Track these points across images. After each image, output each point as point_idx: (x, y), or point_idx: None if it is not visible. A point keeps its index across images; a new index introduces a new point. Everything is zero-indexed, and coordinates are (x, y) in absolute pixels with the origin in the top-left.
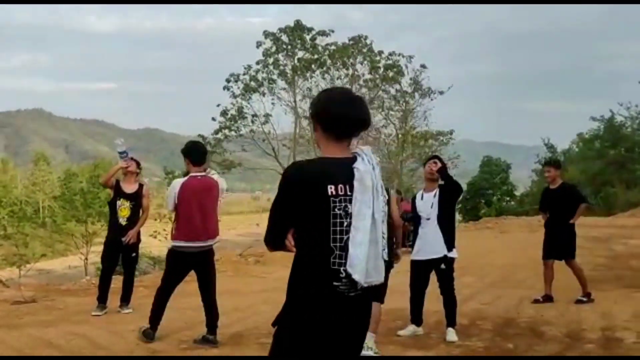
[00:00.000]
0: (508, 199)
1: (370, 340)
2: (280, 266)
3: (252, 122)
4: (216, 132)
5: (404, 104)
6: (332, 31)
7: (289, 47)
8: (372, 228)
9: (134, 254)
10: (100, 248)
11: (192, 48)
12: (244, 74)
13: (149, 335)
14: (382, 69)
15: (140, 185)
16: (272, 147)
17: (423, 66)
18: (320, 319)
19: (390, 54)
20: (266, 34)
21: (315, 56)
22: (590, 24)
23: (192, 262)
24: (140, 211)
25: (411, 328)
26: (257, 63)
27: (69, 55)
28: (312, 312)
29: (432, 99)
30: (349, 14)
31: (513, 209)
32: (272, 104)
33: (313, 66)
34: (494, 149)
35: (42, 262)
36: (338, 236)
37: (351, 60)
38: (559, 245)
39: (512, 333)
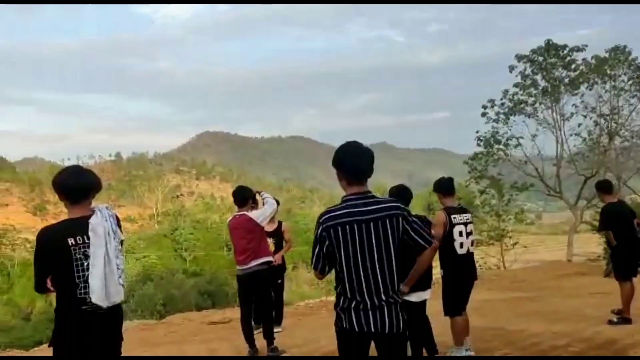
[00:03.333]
0: None
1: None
2: None
3: (506, 145)
4: (472, 158)
5: None
6: (586, 46)
7: (546, 66)
8: (105, 263)
9: (279, 280)
10: None
11: None
12: (501, 99)
13: None
14: None
15: (279, 223)
16: (536, 168)
17: None
18: (78, 335)
19: None
20: (519, 57)
21: (575, 73)
22: None
23: None
24: (284, 243)
25: None
26: (515, 86)
27: (406, 90)
28: (71, 331)
29: None
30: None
31: None
32: (539, 124)
33: (577, 82)
34: None
35: None
36: (81, 273)
37: (612, 71)
38: None
39: None
